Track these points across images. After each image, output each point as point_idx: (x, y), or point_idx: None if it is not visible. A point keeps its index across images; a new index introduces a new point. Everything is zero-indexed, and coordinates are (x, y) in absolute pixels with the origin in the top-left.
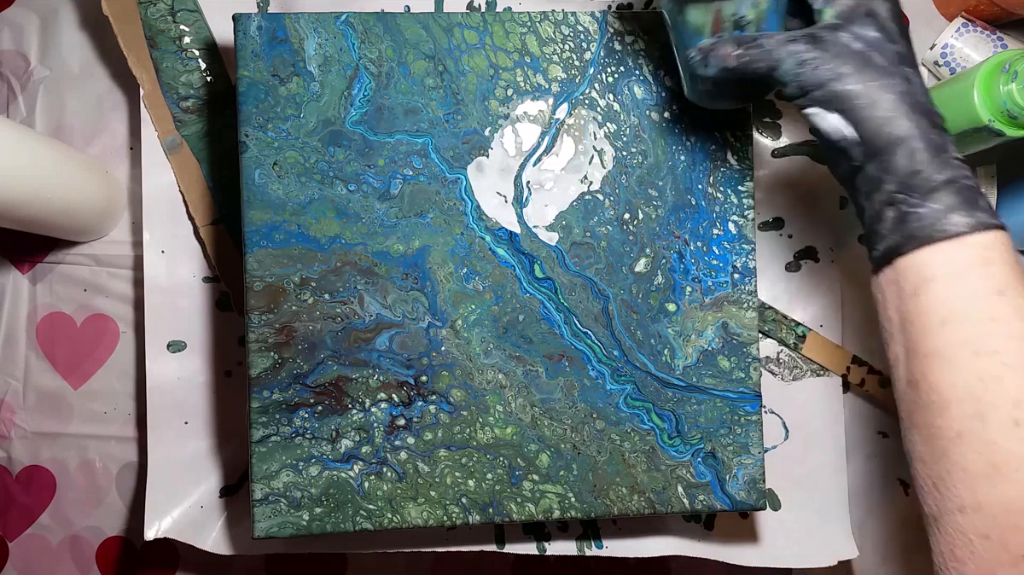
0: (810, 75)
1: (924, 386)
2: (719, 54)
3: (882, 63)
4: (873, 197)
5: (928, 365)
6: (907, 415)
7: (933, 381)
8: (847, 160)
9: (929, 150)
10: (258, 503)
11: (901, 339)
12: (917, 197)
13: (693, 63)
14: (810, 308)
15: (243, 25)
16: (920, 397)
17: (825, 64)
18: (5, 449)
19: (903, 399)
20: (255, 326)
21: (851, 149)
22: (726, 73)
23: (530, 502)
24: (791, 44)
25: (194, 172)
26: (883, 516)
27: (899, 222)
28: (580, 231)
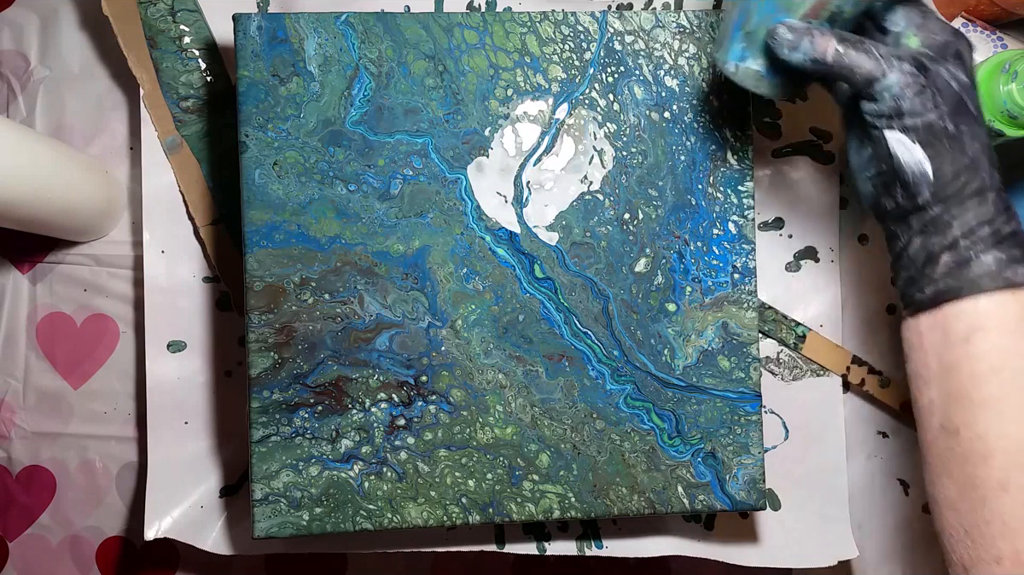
0: (913, 100)
1: (967, 434)
2: (818, 43)
3: (973, 111)
4: (932, 239)
5: (975, 414)
6: (940, 462)
7: (980, 430)
8: (908, 197)
9: (1001, 202)
10: (258, 503)
11: (940, 385)
12: (983, 246)
13: (778, 40)
14: (810, 308)
15: (243, 25)
16: (960, 445)
17: (929, 94)
18: (5, 449)
19: (934, 445)
20: (255, 326)
21: (920, 187)
22: (813, 65)
23: (530, 502)
24: (900, 61)
25: (194, 172)
26: (883, 516)
27: (959, 267)
28: (580, 231)
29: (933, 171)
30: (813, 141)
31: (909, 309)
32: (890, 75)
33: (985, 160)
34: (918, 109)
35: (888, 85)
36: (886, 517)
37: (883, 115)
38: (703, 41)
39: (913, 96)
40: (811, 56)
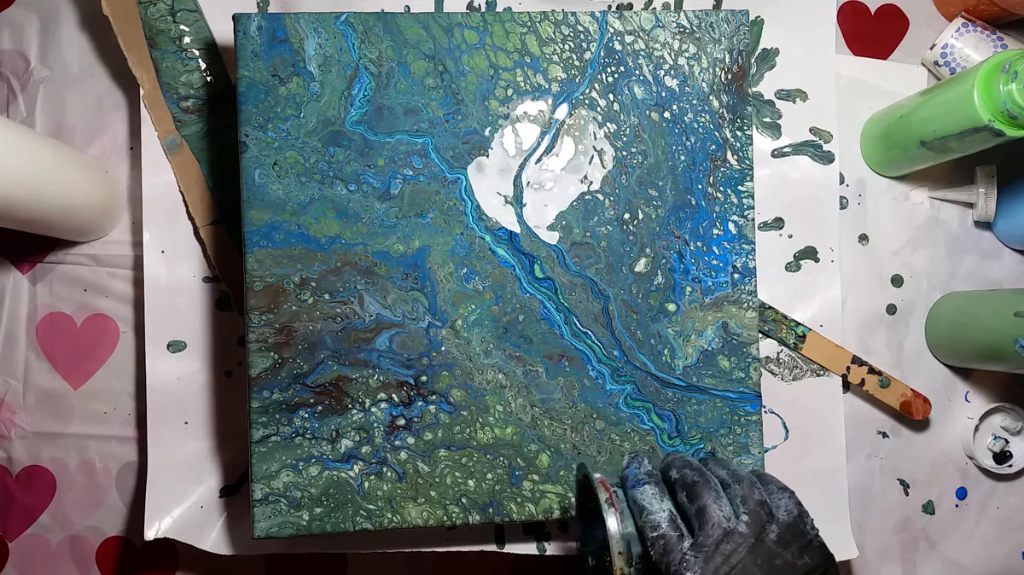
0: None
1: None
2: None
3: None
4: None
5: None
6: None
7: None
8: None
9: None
10: (258, 503)
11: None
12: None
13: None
14: (810, 308)
15: (243, 25)
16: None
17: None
18: (5, 449)
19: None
20: (255, 326)
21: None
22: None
23: (530, 502)
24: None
25: (194, 172)
26: (883, 516)
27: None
28: (580, 231)
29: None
30: (813, 141)
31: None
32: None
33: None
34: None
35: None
36: (886, 517)
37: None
38: (703, 41)
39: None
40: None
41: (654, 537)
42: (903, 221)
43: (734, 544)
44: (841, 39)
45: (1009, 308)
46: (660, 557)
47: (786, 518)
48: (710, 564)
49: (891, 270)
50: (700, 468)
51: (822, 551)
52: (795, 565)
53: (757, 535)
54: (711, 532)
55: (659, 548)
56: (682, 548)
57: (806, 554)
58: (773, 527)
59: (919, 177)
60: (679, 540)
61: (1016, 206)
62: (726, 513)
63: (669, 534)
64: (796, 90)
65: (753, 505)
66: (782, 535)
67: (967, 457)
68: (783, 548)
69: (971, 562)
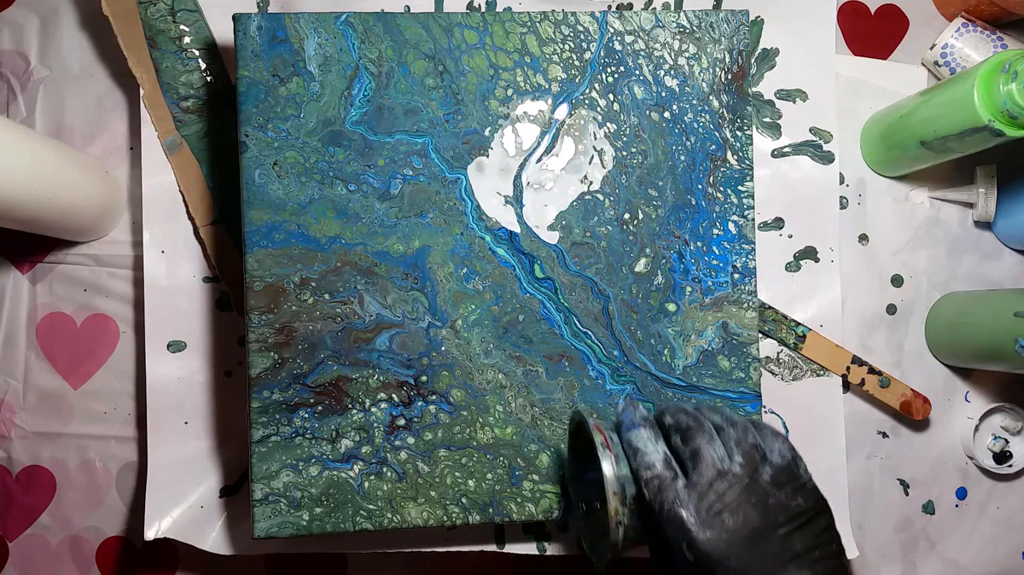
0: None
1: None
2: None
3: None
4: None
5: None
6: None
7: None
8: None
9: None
10: (258, 503)
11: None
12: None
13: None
14: (810, 308)
15: (243, 25)
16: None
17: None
18: (5, 449)
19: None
20: (255, 326)
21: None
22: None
23: (530, 502)
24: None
25: (194, 172)
26: (883, 516)
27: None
28: (580, 231)
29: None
30: (813, 141)
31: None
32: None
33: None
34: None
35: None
36: (886, 517)
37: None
38: (703, 41)
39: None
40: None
41: (649, 477)
42: (903, 221)
43: (727, 483)
44: (841, 39)
45: (1009, 308)
46: (654, 496)
47: (780, 461)
48: (704, 501)
49: (891, 270)
50: (695, 414)
51: (815, 494)
52: (788, 506)
53: (751, 475)
54: (705, 472)
55: (653, 487)
56: (676, 487)
57: (799, 496)
58: (767, 468)
59: (919, 177)
60: (673, 480)
61: (1016, 206)
62: (720, 454)
63: (664, 474)
64: (796, 90)
65: (747, 447)
66: (775, 476)
67: (967, 457)
68: (777, 488)
69: (971, 562)
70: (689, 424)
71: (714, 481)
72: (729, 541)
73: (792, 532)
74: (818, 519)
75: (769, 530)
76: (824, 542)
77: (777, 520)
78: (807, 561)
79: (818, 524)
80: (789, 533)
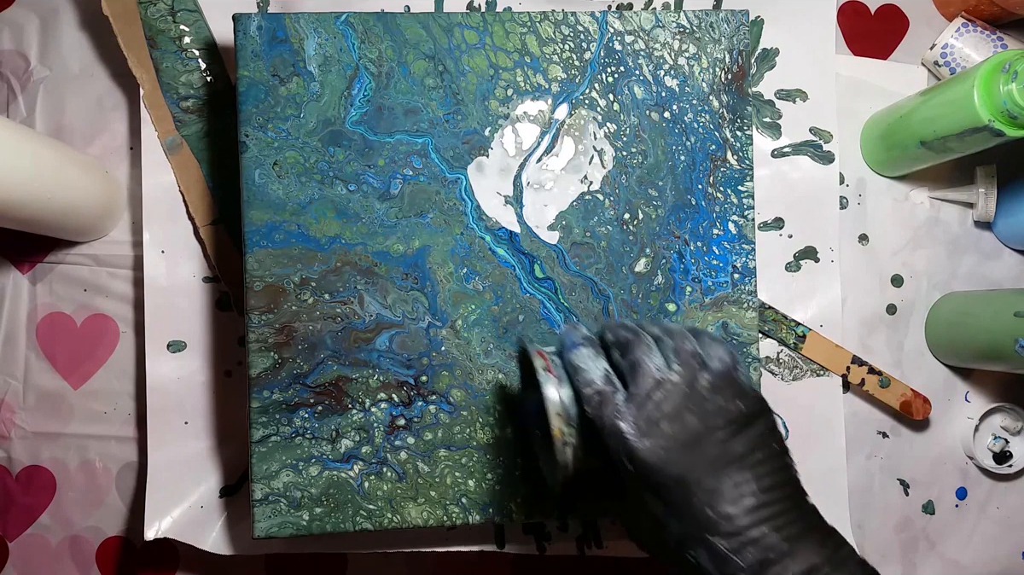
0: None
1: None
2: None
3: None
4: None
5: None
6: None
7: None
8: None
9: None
10: (258, 503)
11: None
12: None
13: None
14: (810, 308)
15: (243, 25)
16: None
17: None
18: (5, 449)
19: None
20: (255, 326)
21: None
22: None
23: (530, 502)
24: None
25: (194, 172)
26: (883, 516)
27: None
28: (580, 231)
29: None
30: (813, 141)
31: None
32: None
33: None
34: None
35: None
36: (886, 517)
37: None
38: (703, 41)
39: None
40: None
41: (589, 394)
42: (903, 221)
43: (665, 392)
44: (841, 39)
45: (1009, 308)
46: (595, 412)
47: (719, 366)
48: (642, 412)
49: (891, 270)
50: (634, 327)
51: (756, 398)
52: (727, 409)
53: (689, 383)
54: (643, 383)
55: (594, 403)
56: (616, 401)
57: (739, 400)
58: (705, 375)
59: (919, 177)
60: (613, 394)
61: (1016, 206)
62: (658, 364)
63: (604, 389)
64: (796, 90)
65: (685, 355)
66: (714, 382)
67: (967, 457)
68: (715, 394)
69: (971, 562)
70: (628, 338)
71: (652, 391)
72: (667, 448)
73: (731, 436)
74: (758, 422)
75: (708, 435)
76: (765, 444)
77: (716, 424)
78: (748, 463)
79: (758, 427)
80: (728, 437)
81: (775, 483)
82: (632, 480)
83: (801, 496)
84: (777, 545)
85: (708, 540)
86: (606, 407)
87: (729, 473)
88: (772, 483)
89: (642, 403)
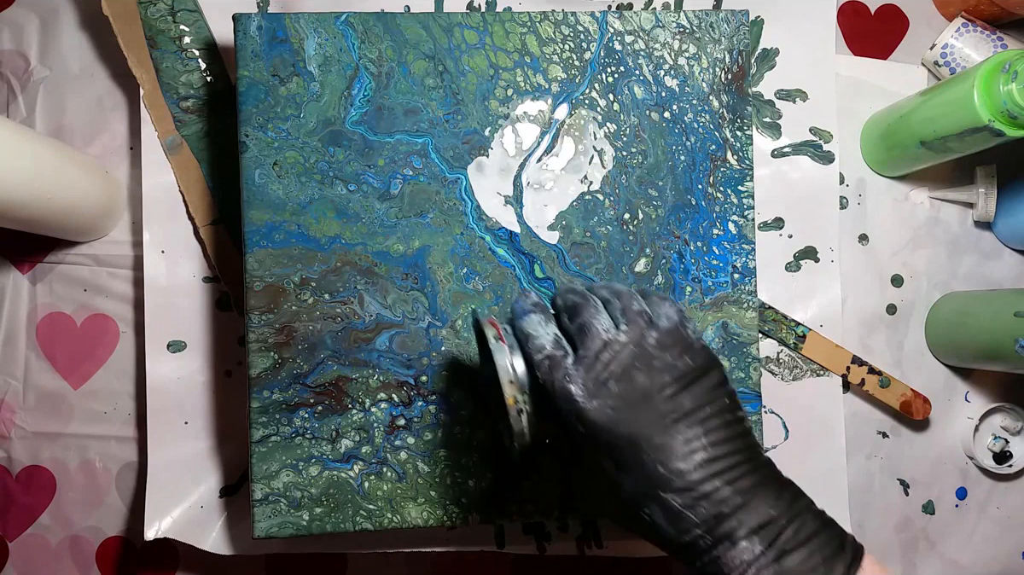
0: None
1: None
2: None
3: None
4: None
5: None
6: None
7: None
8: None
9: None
10: (258, 503)
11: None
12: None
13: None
14: (810, 308)
15: (243, 25)
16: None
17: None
18: (5, 449)
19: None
20: (255, 326)
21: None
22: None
23: (530, 502)
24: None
25: (194, 172)
26: (883, 516)
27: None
28: (580, 231)
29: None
30: (813, 141)
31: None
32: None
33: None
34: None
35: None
36: (886, 517)
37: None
38: (703, 41)
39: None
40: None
41: (539, 359)
42: (903, 221)
43: (613, 352)
44: (841, 39)
45: (1009, 308)
46: (546, 376)
47: (666, 324)
48: (591, 373)
49: (891, 270)
50: (582, 291)
51: (704, 353)
52: (675, 366)
53: (637, 342)
54: (591, 345)
55: (544, 368)
56: (565, 365)
57: (687, 355)
58: (653, 333)
59: (919, 177)
60: (563, 358)
61: (1016, 206)
62: (606, 325)
63: (553, 353)
64: (796, 90)
65: (632, 315)
66: (661, 340)
67: (967, 457)
68: (663, 351)
69: (971, 562)
70: (576, 302)
71: (600, 352)
72: (616, 407)
73: (679, 392)
74: (707, 377)
75: (656, 392)
76: (715, 398)
77: (664, 381)
78: (697, 418)
79: (707, 382)
80: (676, 393)
81: (726, 437)
82: (585, 442)
83: (755, 449)
84: (730, 498)
85: (661, 497)
86: (556, 371)
87: (679, 429)
88: (723, 437)
89: (590, 365)
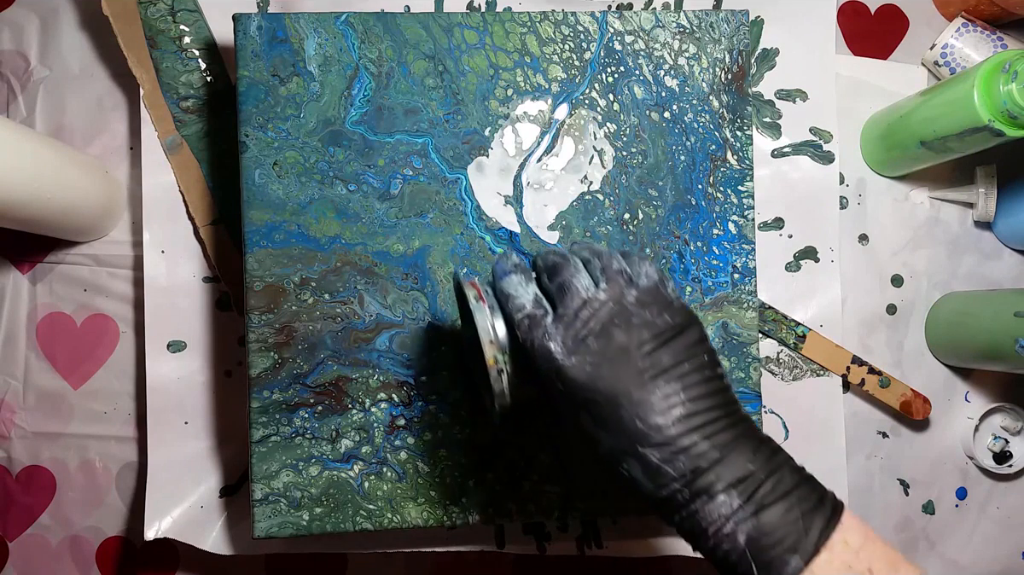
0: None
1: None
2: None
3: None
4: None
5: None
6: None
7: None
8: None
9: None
10: (258, 503)
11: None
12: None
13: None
14: (810, 308)
15: (243, 25)
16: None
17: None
18: (5, 449)
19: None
20: (255, 326)
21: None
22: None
23: (530, 502)
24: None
25: (194, 172)
26: (883, 516)
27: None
28: (580, 231)
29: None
30: (813, 141)
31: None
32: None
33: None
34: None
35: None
36: (886, 517)
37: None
38: (703, 41)
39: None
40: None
41: (519, 318)
42: (903, 221)
43: (592, 310)
44: (841, 39)
45: (1009, 308)
46: (525, 335)
47: (646, 282)
48: (570, 331)
49: (891, 270)
50: (563, 252)
51: (683, 311)
52: (654, 323)
53: (616, 300)
54: (570, 303)
55: (524, 327)
56: (545, 323)
57: (666, 313)
58: (632, 291)
59: (919, 177)
60: (543, 317)
61: (1016, 206)
62: (586, 284)
63: (533, 312)
64: (796, 90)
65: (612, 274)
66: (641, 298)
67: (967, 457)
68: (642, 308)
69: (971, 562)
70: (556, 261)
71: (579, 310)
72: (594, 363)
73: (658, 348)
74: (686, 334)
75: (635, 349)
76: (693, 355)
77: (642, 338)
78: (675, 374)
79: (686, 338)
80: (655, 349)
81: (704, 392)
82: (564, 400)
83: (733, 405)
84: (708, 453)
85: (639, 452)
86: (535, 329)
87: (657, 385)
88: (701, 393)
89: (570, 322)
